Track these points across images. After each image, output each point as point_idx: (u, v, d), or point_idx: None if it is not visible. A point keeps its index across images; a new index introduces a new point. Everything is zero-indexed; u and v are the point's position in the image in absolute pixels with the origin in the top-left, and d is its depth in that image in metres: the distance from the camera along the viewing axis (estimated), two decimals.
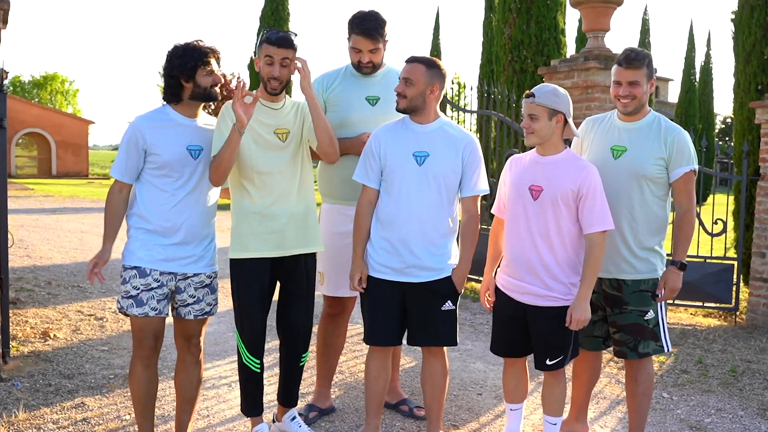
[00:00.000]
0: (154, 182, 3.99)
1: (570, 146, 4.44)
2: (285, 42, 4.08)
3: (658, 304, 4.19)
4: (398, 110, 4.16)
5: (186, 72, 3.97)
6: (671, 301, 8.23)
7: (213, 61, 4.03)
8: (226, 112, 4.15)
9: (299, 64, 4.08)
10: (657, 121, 4.19)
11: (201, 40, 4.04)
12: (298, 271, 4.33)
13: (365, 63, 4.62)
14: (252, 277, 4.22)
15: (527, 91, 4.03)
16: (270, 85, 4.14)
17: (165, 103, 4.11)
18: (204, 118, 4.19)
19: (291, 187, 4.24)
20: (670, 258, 4.22)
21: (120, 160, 4.00)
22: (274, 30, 4.12)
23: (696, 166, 4.14)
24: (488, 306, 4.30)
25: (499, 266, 4.30)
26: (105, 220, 4.05)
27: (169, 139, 3.97)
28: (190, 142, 4.02)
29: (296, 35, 4.14)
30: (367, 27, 4.52)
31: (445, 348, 4.33)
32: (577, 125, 4.53)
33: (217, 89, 4.07)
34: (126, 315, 4.04)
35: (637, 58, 4.09)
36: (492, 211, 4.34)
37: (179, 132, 4.01)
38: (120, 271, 4.08)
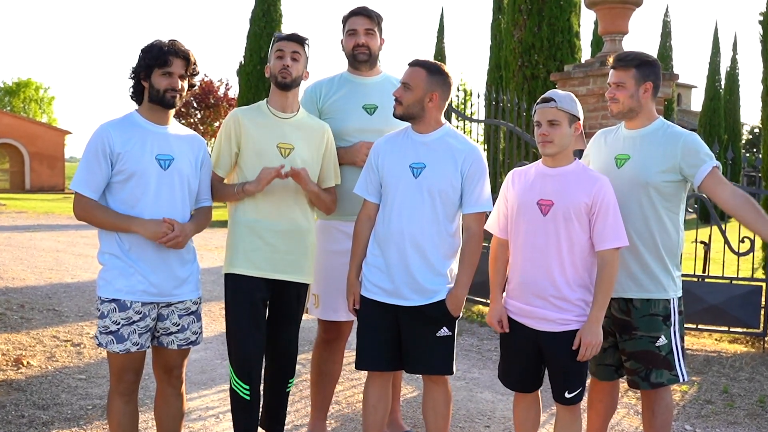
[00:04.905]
0: (119, 197, 3.92)
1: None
2: (295, 37, 4.36)
3: (671, 330, 4.19)
4: (394, 116, 4.21)
5: (143, 70, 3.98)
6: (693, 326, 8.23)
7: (177, 63, 3.97)
8: (234, 122, 4.34)
9: (300, 173, 4.22)
10: (663, 128, 4.23)
11: (175, 41, 4.01)
12: (289, 290, 4.40)
13: (360, 44, 4.73)
14: (243, 294, 4.30)
15: (544, 96, 4.02)
16: (280, 76, 4.31)
17: (135, 109, 4.08)
18: (176, 126, 4.16)
19: (286, 205, 4.34)
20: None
21: (82, 170, 3.90)
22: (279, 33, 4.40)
23: (717, 163, 4.11)
24: (502, 329, 4.19)
25: (504, 291, 4.27)
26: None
27: (136, 147, 3.91)
28: (159, 151, 3.97)
29: (308, 39, 4.39)
30: (362, 7, 4.77)
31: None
32: (591, 136, 4.57)
33: (175, 96, 3.98)
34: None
35: (626, 59, 4.18)
36: (488, 229, 4.27)
37: (147, 139, 3.95)
38: (95, 296, 4.03)
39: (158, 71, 3.94)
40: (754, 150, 57.79)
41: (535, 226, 4.00)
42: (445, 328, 4.16)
